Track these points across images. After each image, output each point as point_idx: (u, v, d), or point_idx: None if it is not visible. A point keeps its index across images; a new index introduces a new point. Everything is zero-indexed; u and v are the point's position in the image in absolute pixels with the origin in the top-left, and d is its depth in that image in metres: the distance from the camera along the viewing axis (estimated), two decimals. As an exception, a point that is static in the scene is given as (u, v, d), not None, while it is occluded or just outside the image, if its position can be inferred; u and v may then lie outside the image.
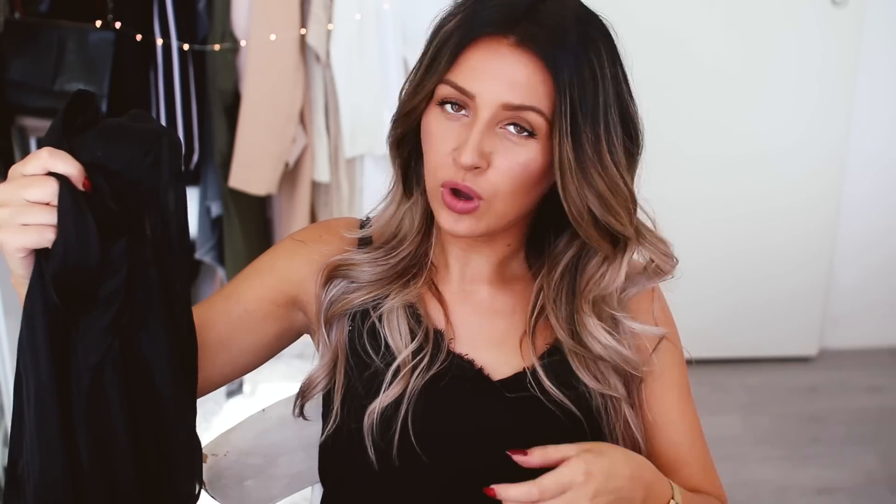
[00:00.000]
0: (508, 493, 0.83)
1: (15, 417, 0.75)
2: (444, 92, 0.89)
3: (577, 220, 0.91)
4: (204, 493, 0.94)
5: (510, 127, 0.88)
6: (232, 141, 2.28)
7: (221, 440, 1.09)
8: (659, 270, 1.00)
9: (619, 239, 0.94)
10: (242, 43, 2.24)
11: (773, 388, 2.83)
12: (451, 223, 0.91)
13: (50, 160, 0.69)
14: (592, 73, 0.87)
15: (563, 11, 0.89)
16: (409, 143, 0.97)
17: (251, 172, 2.27)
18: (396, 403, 0.95)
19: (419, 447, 0.94)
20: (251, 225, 2.40)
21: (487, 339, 1.00)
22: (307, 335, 1.06)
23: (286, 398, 1.10)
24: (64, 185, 0.69)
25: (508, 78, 0.86)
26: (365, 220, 1.05)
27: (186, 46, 2.20)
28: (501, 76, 0.86)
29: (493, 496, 0.84)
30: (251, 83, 2.23)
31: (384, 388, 0.95)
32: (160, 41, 2.19)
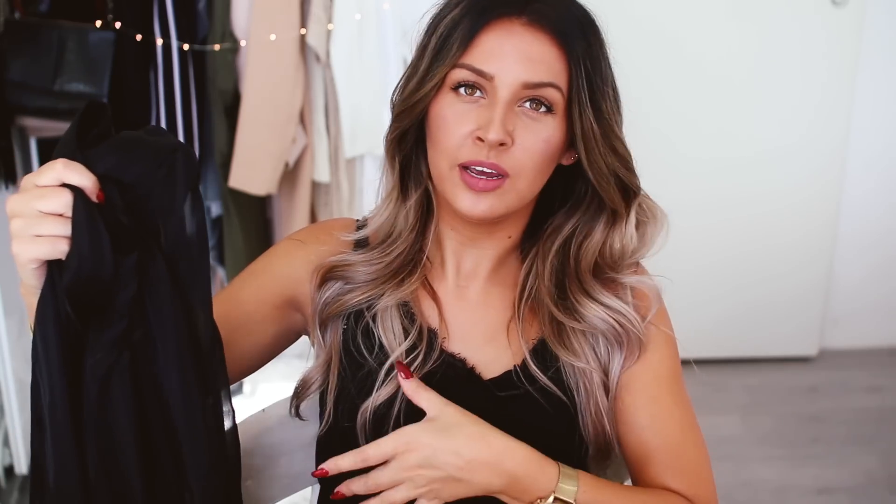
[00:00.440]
0: (338, 463, 0.89)
1: (34, 424, 0.75)
2: (458, 76, 0.90)
3: (602, 185, 0.94)
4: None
5: (527, 104, 0.91)
6: (232, 141, 2.27)
7: (221, 440, 1.09)
8: (651, 216, 1.01)
9: (628, 192, 0.97)
10: (242, 43, 2.24)
11: (773, 388, 2.83)
12: (470, 204, 0.91)
13: (64, 171, 0.69)
14: (598, 46, 0.93)
15: None
16: (411, 136, 0.97)
17: (251, 172, 2.26)
18: (389, 402, 0.95)
19: None
20: (251, 225, 2.40)
21: (480, 335, 1.00)
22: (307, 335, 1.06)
23: (286, 398, 1.10)
24: (78, 196, 0.69)
25: (525, 56, 0.89)
26: (361, 221, 1.05)
27: (186, 46, 2.20)
28: (518, 55, 0.89)
29: (324, 475, 0.91)
30: (251, 83, 2.23)
31: (377, 386, 0.95)
32: (160, 41, 2.19)
